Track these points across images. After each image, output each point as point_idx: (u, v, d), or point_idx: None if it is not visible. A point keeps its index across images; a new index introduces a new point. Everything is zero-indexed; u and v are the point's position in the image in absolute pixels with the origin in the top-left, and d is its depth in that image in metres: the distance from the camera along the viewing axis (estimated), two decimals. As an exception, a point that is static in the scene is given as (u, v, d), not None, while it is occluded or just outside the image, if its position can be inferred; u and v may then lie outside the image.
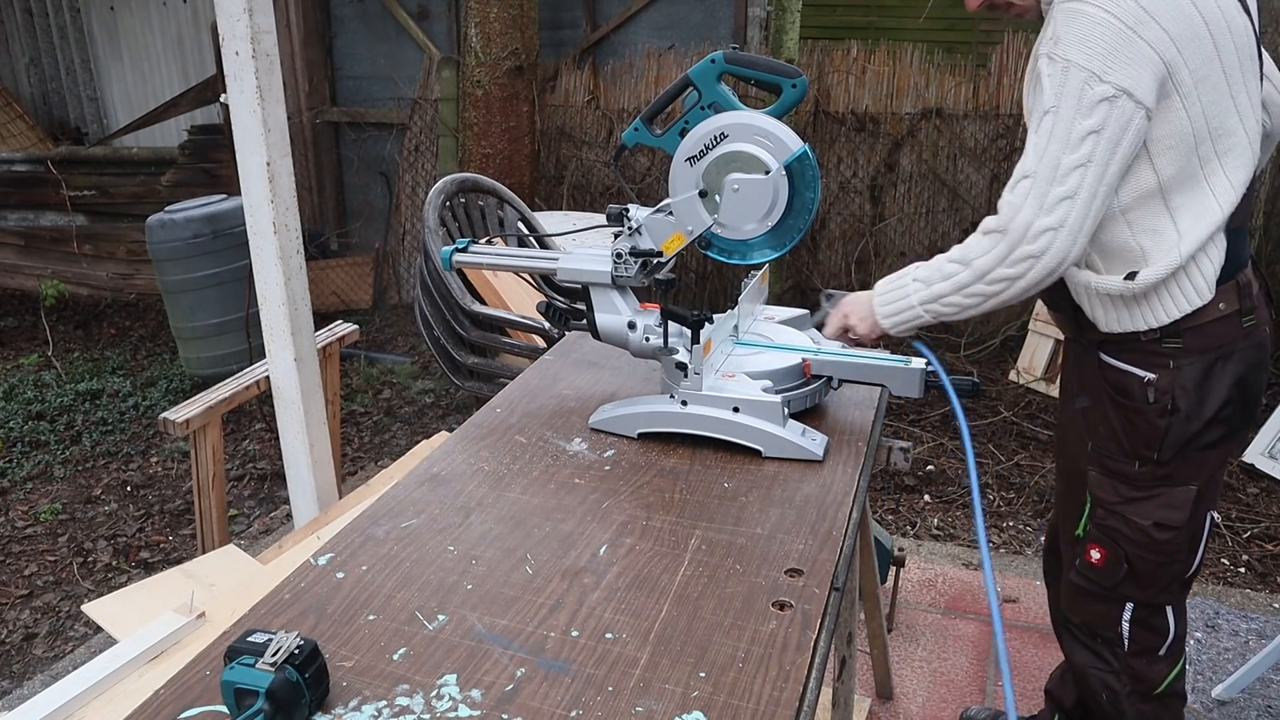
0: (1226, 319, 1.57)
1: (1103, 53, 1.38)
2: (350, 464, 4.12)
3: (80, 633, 3.07)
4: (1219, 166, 1.50)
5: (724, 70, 1.61)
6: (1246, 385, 1.60)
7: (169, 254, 4.73)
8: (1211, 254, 1.54)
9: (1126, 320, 1.60)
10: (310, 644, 1.05)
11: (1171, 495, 1.65)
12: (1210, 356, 1.57)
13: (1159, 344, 1.58)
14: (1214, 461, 1.66)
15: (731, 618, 1.20)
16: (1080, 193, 1.41)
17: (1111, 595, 1.78)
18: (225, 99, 2.22)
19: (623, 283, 1.70)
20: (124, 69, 7.24)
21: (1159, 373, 1.59)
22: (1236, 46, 1.48)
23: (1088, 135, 1.39)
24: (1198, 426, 1.59)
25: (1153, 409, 1.60)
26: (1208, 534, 1.74)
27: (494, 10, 4.91)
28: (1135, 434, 1.64)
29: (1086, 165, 1.40)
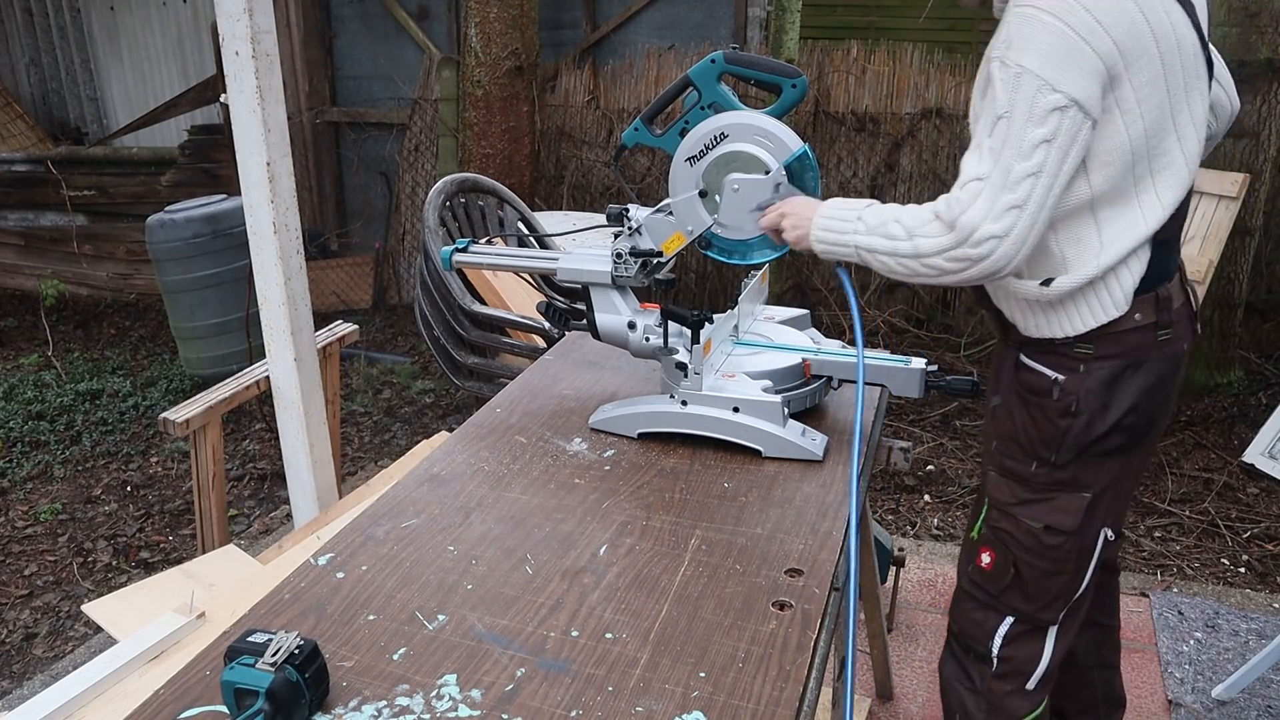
0: (1142, 329, 1.56)
1: (1055, 61, 1.36)
2: (350, 464, 4.12)
3: (80, 633, 3.07)
4: (1151, 185, 1.49)
5: (724, 70, 1.61)
6: (1153, 397, 1.58)
7: (169, 254, 4.73)
8: (1132, 267, 1.52)
9: (1044, 326, 1.59)
10: (310, 644, 1.05)
11: (1065, 500, 1.62)
12: (1120, 364, 1.56)
13: (1072, 348, 1.57)
14: (1112, 471, 1.62)
15: (731, 618, 1.20)
16: (1029, 203, 1.40)
17: (994, 604, 1.73)
18: (225, 99, 2.22)
19: (623, 283, 1.70)
20: (124, 69, 7.24)
21: (1068, 375, 1.57)
22: (1184, 66, 1.46)
23: (1040, 144, 1.38)
24: (1099, 431, 1.57)
25: (1055, 408, 1.59)
26: (1098, 556, 1.68)
27: (494, 10, 4.91)
28: (1037, 433, 1.62)
29: (1038, 175, 1.39)
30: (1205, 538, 3.33)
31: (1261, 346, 4.68)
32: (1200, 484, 3.66)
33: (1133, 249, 1.50)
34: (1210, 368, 4.33)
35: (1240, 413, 4.17)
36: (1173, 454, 3.89)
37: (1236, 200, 3.90)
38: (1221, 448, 3.90)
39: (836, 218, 1.56)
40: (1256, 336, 4.70)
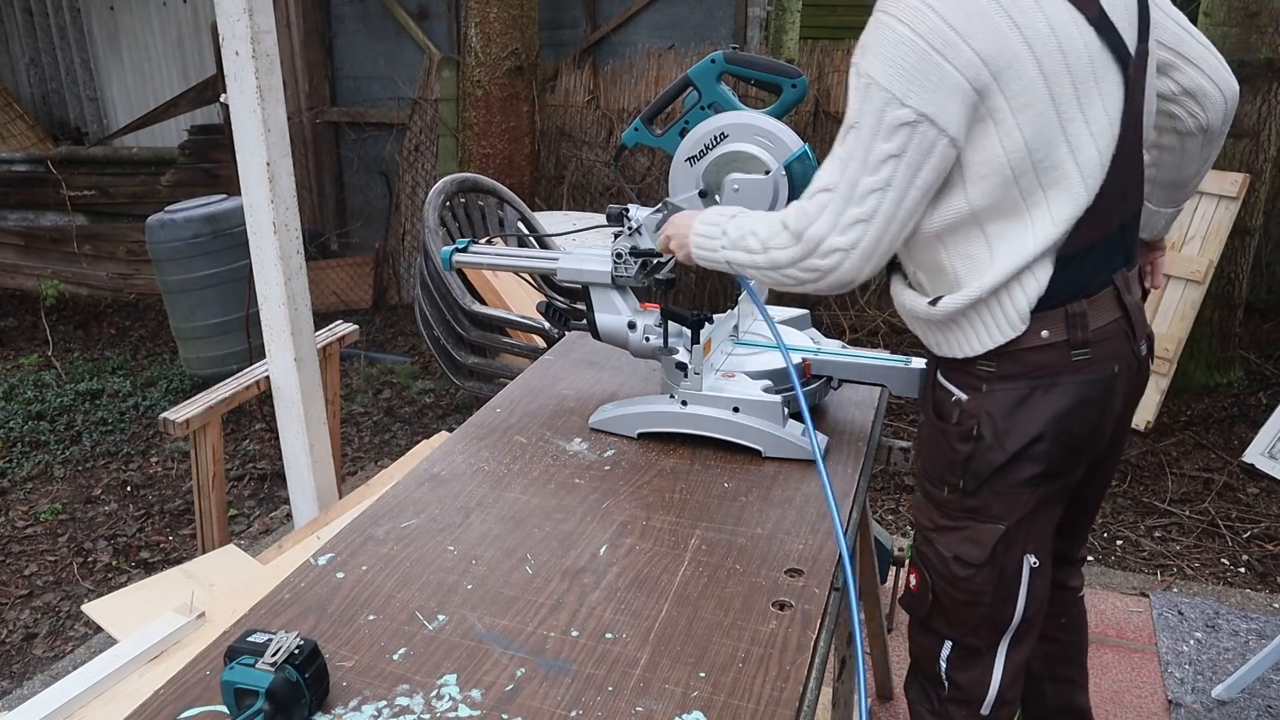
0: (1050, 348, 1.42)
1: (904, 74, 1.29)
2: (350, 464, 4.12)
3: (80, 633, 3.07)
4: (1043, 199, 1.37)
5: (724, 70, 1.61)
6: (1070, 424, 1.44)
7: (169, 254, 4.73)
8: (1026, 285, 1.40)
9: (944, 345, 1.50)
10: (310, 644, 1.05)
11: (976, 531, 1.51)
12: (1026, 385, 1.43)
13: (975, 365, 1.46)
14: (1030, 501, 1.49)
15: (731, 618, 1.20)
16: (876, 217, 1.34)
17: (928, 627, 1.65)
18: (225, 99, 2.22)
19: (623, 283, 1.70)
20: (124, 69, 7.24)
21: (970, 394, 1.47)
22: (1072, 70, 1.34)
23: (887, 159, 1.32)
24: (1001, 459, 1.45)
25: (955, 432, 1.48)
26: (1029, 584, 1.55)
27: (494, 10, 4.91)
28: (940, 457, 1.52)
29: (885, 189, 1.33)
30: (1205, 538, 3.33)
31: (1261, 346, 4.68)
32: (1200, 484, 3.66)
33: (1022, 266, 1.39)
34: (1210, 368, 4.33)
35: (1240, 413, 4.17)
36: (1173, 454, 3.89)
37: (1236, 200, 3.91)
38: (1221, 448, 3.90)
39: (706, 234, 1.53)
40: (1256, 336, 4.69)
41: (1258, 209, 4.10)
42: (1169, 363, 3.96)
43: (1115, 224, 1.45)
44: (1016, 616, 1.57)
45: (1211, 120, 1.57)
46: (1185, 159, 1.62)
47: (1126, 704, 2.49)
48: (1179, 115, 1.56)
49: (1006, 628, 1.58)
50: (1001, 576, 1.53)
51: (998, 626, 1.58)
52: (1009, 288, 1.41)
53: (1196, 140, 1.59)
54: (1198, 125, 1.57)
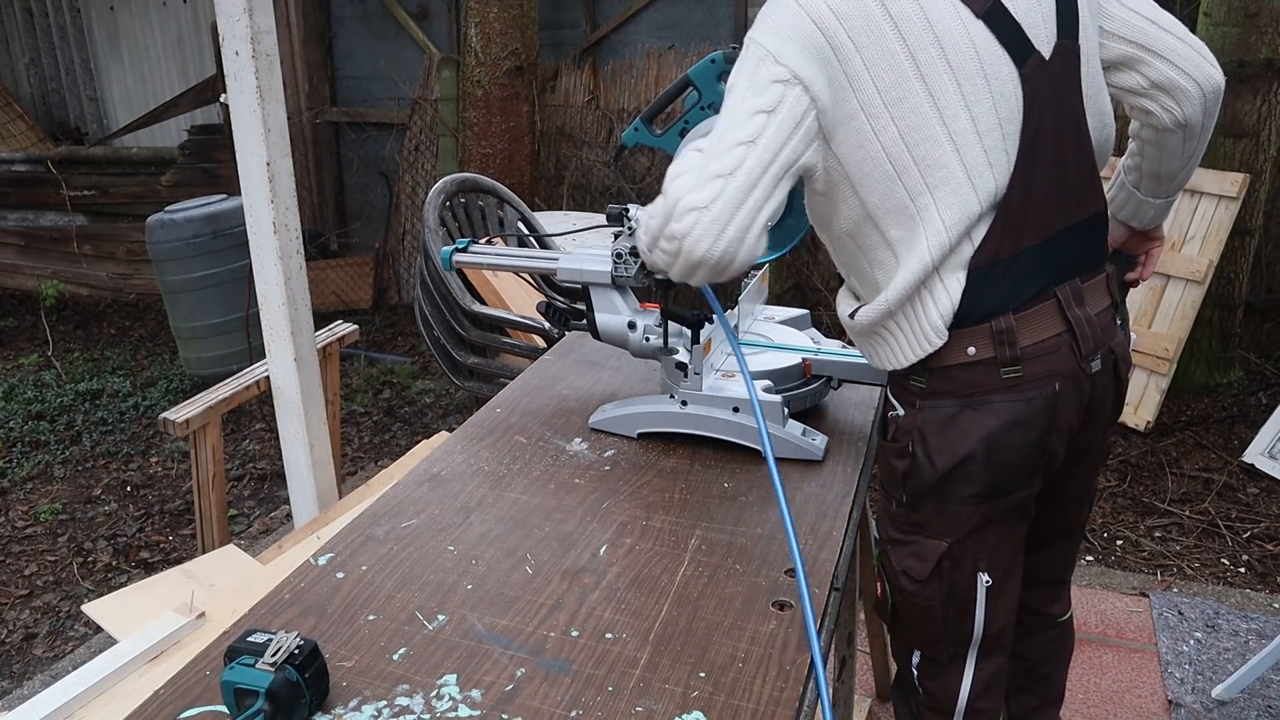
0: (978, 365, 1.36)
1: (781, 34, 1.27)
2: (350, 464, 4.12)
3: (80, 633, 3.07)
4: (931, 202, 1.31)
5: (724, 70, 1.61)
6: (1005, 444, 1.37)
7: (169, 254, 4.73)
8: (937, 297, 1.35)
9: (875, 357, 1.47)
10: (310, 644, 1.05)
11: (922, 546, 1.47)
12: (957, 403, 1.38)
13: (909, 380, 1.43)
14: (974, 519, 1.42)
15: (731, 618, 1.20)
16: (738, 173, 1.24)
17: (895, 636, 1.63)
18: (225, 99, 2.22)
19: (623, 283, 1.70)
20: (124, 69, 7.24)
21: (906, 410, 1.44)
22: (953, 67, 1.28)
23: (757, 113, 1.25)
24: (933, 477, 1.40)
25: (892, 448, 1.46)
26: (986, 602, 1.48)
27: (494, 10, 4.91)
28: (883, 472, 1.50)
29: (752, 143, 1.25)
30: (1205, 538, 3.33)
31: (1261, 346, 4.68)
32: (1200, 484, 3.66)
33: (923, 274, 1.33)
34: (1210, 368, 4.33)
35: (1240, 413, 4.17)
36: (1173, 454, 3.89)
37: (1236, 200, 3.90)
38: (1221, 448, 3.90)
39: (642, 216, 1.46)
40: (1256, 336, 4.69)
41: (1258, 209, 4.10)
42: (1169, 363, 3.96)
43: (1048, 232, 1.37)
44: (977, 632, 1.52)
45: (1189, 115, 1.46)
46: (1165, 153, 1.53)
47: (1126, 704, 2.49)
48: (1153, 111, 1.47)
49: (968, 642, 1.53)
50: (952, 592, 1.48)
51: (958, 640, 1.53)
52: (920, 298, 1.36)
53: (1176, 135, 1.50)
54: (1174, 120, 1.46)
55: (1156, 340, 3.98)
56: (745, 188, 1.25)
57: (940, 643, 1.54)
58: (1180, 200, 4.07)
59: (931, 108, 1.29)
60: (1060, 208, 1.38)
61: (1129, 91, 1.47)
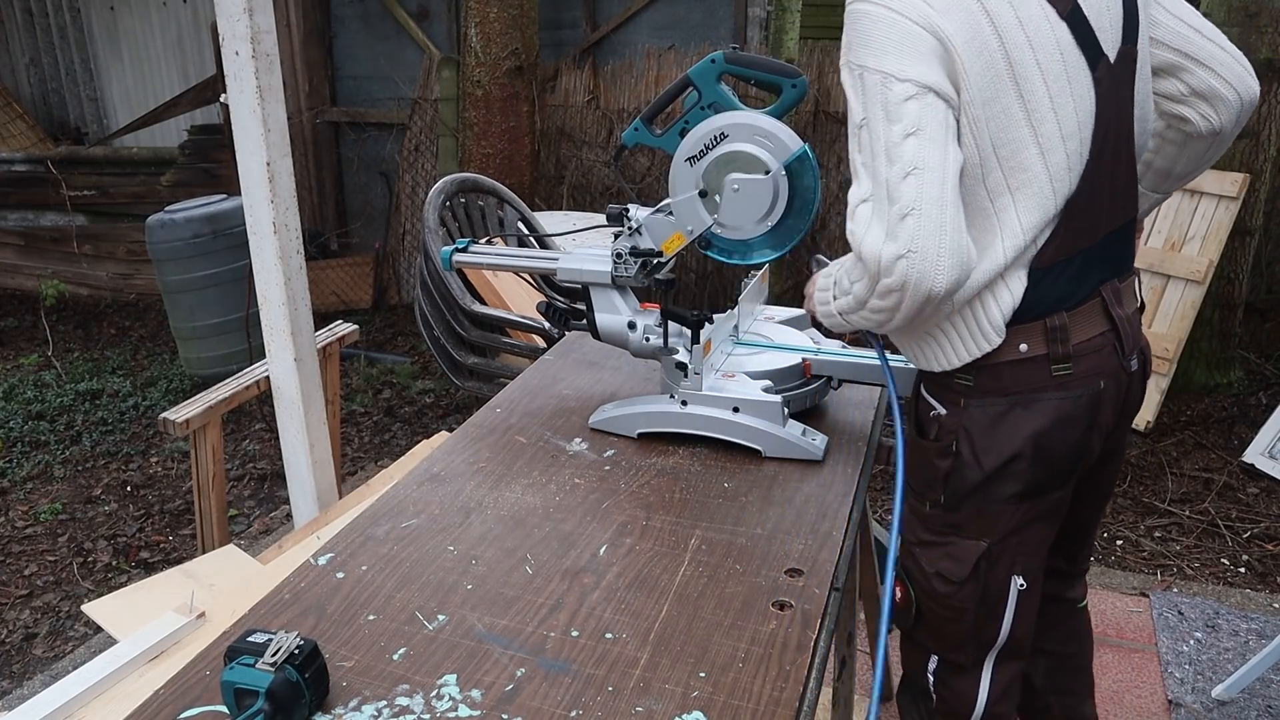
0: (1029, 362, 1.37)
1: (892, 50, 1.24)
2: (350, 464, 4.12)
3: (80, 633, 3.07)
4: (1011, 204, 1.32)
5: (724, 70, 1.61)
6: (1052, 441, 1.39)
7: (169, 254, 4.73)
8: (1000, 296, 1.35)
9: (923, 359, 1.46)
10: (310, 644, 1.05)
11: (958, 547, 1.47)
12: (1005, 401, 1.38)
13: (953, 379, 1.42)
14: (1014, 519, 1.43)
15: (731, 618, 1.20)
16: (922, 204, 1.21)
17: (914, 641, 1.62)
18: (225, 99, 2.22)
19: (623, 283, 1.70)
20: (124, 69, 7.24)
21: (949, 410, 1.43)
22: (1042, 68, 1.28)
23: (906, 139, 1.23)
24: (978, 477, 1.40)
25: (934, 448, 1.45)
26: (1016, 605, 1.50)
27: (494, 10, 4.91)
28: (921, 473, 1.48)
29: (919, 171, 1.22)
30: (1205, 538, 3.33)
31: (1261, 346, 4.68)
32: (1200, 484, 3.66)
33: (993, 275, 1.34)
34: (1210, 368, 4.33)
35: (1240, 413, 4.17)
36: (1173, 454, 3.89)
37: (1236, 200, 3.90)
38: (1221, 448, 3.90)
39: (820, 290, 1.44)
40: (1256, 336, 4.69)
41: (1258, 209, 4.10)
42: (1169, 363, 3.96)
43: (1099, 234, 1.39)
44: (1002, 636, 1.52)
45: (1224, 123, 1.49)
46: (1185, 154, 1.55)
47: (1126, 704, 2.49)
48: (1189, 118, 1.49)
49: (991, 646, 1.54)
50: (985, 595, 1.48)
51: (981, 644, 1.54)
52: (981, 299, 1.36)
53: (1204, 142, 1.52)
54: (1209, 128, 1.49)
55: (1156, 340, 3.98)
56: (937, 214, 1.22)
57: (964, 647, 1.54)
58: (1180, 200, 4.07)
59: (1021, 109, 1.28)
60: (1110, 211, 1.40)
61: (1167, 98, 1.50)
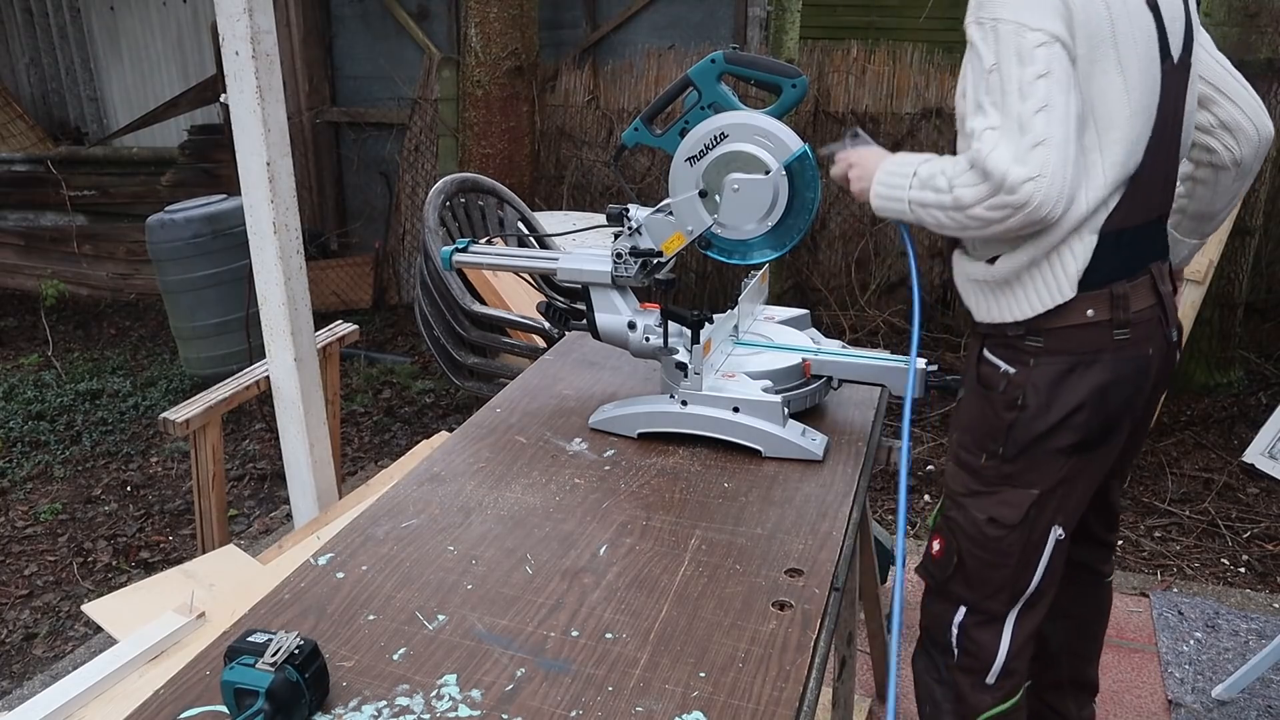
0: (1094, 326, 1.53)
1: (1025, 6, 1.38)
2: (350, 464, 4.12)
3: (80, 633, 3.07)
4: (1099, 159, 1.46)
5: (724, 70, 1.61)
6: (1107, 398, 1.55)
7: (169, 254, 4.73)
8: (1075, 251, 1.50)
9: (994, 310, 1.59)
10: (310, 644, 1.05)
11: (1011, 494, 1.62)
12: (1070, 360, 1.54)
13: (1023, 340, 1.56)
14: (1063, 470, 1.59)
15: (731, 618, 1.20)
16: (1051, 138, 1.35)
17: (945, 593, 1.75)
18: (225, 99, 2.22)
19: (623, 283, 1.70)
20: (124, 69, 7.24)
21: (1018, 368, 1.58)
22: (1135, 44, 1.44)
23: (1037, 80, 1.36)
24: (1042, 427, 1.56)
25: (1002, 400, 1.59)
26: (1051, 554, 1.66)
27: (494, 10, 4.91)
28: (985, 426, 1.62)
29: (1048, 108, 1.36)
30: (1205, 538, 3.33)
31: (1261, 346, 4.68)
32: (1200, 484, 3.66)
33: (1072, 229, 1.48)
34: (1210, 368, 4.33)
35: (1240, 413, 4.17)
36: (1173, 454, 3.89)
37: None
38: (1221, 448, 3.90)
39: (895, 173, 1.54)
40: (1256, 336, 4.69)
41: (1258, 209, 4.10)
42: (1169, 363, 3.95)
43: (1153, 213, 1.56)
44: (1033, 585, 1.67)
45: (1244, 155, 1.67)
46: (1218, 192, 1.71)
47: (1126, 704, 2.49)
48: (1215, 149, 1.66)
49: (1022, 595, 1.68)
50: (1028, 541, 1.64)
51: (1014, 593, 1.68)
52: (1059, 252, 1.50)
53: (1229, 174, 1.69)
54: (1231, 159, 1.66)
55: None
56: (1062, 147, 1.37)
57: (1001, 593, 1.69)
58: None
59: (1118, 74, 1.43)
60: (1160, 197, 1.58)
61: (1198, 128, 1.66)
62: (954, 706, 1.77)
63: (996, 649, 1.72)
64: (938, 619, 1.77)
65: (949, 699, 1.77)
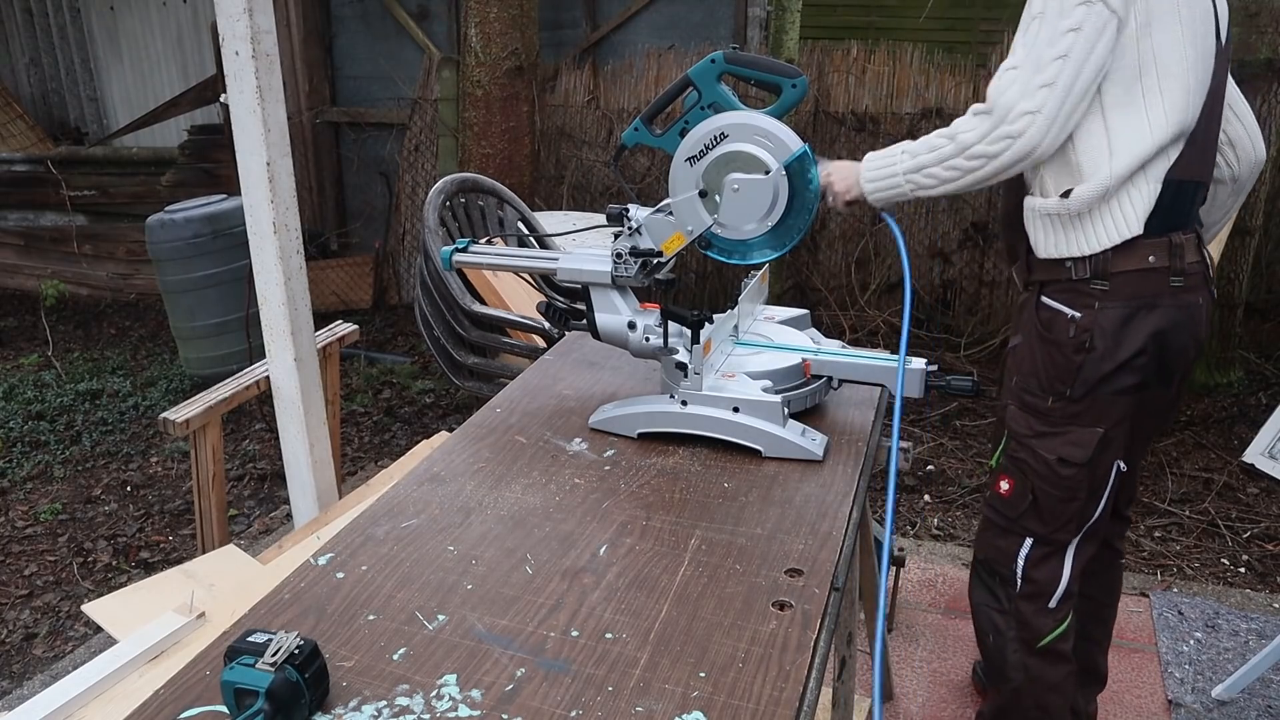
0: (1155, 272, 1.68)
1: None
2: (350, 464, 4.12)
3: (80, 633, 3.07)
4: (1160, 99, 1.61)
5: (724, 70, 1.61)
6: (1165, 340, 1.70)
7: (169, 254, 4.73)
8: (1141, 188, 1.65)
9: (1064, 244, 1.71)
10: (310, 644, 1.05)
11: (1078, 434, 1.76)
12: (1133, 304, 1.68)
13: (1088, 284, 1.70)
14: (1123, 409, 1.75)
15: (731, 618, 1.20)
16: (1059, 81, 1.53)
17: (1014, 528, 1.89)
18: (225, 99, 2.22)
19: (623, 283, 1.70)
20: (124, 69, 7.24)
21: (1084, 312, 1.70)
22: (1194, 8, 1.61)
23: (1067, 32, 1.53)
24: (1109, 368, 1.70)
25: (1070, 343, 1.72)
26: (1114, 483, 1.84)
27: (494, 10, 4.91)
28: (1053, 368, 1.75)
29: (1065, 58, 1.53)
30: (1205, 538, 3.33)
31: (1261, 346, 4.68)
32: (1200, 484, 3.66)
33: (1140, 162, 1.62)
34: (1210, 368, 4.33)
35: (1240, 413, 4.17)
36: (1173, 454, 3.89)
37: (1236, 200, 3.90)
38: (1221, 448, 3.90)
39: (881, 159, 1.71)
40: (1256, 336, 4.70)
41: (1257, 209, 4.10)
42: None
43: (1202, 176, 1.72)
44: (1096, 514, 1.84)
45: (1241, 172, 1.86)
46: (1215, 205, 1.87)
47: (1126, 704, 2.49)
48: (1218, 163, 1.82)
49: (1087, 524, 1.85)
50: (1094, 475, 1.79)
51: (1080, 523, 1.84)
52: (1127, 190, 1.65)
53: (1226, 189, 1.88)
54: (1230, 175, 1.86)
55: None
56: (1064, 93, 1.55)
57: (1071, 524, 1.84)
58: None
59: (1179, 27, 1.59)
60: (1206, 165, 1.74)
61: None
62: (1019, 633, 1.91)
63: (1060, 576, 1.87)
64: (1002, 552, 1.92)
65: (1013, 626, 1.92)
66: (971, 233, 4.93)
